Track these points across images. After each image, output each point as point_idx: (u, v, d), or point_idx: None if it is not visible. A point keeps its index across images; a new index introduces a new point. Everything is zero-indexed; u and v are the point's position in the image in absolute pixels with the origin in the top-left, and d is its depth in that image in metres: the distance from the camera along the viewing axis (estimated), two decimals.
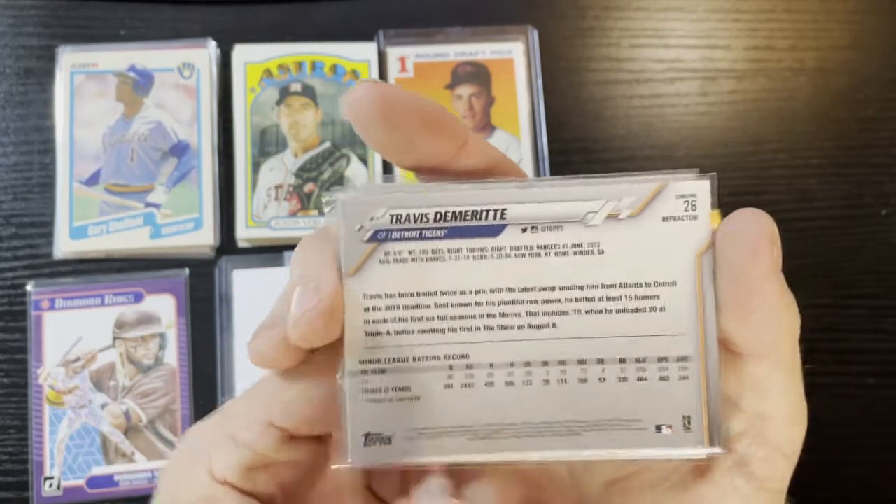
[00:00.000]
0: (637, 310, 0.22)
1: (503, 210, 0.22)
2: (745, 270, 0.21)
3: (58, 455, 0.52)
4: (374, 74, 0.59)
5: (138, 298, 0.55)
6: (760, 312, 0.21)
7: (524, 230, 0.22)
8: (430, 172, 0.23)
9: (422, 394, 0.22)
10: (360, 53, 0.59)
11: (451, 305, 0.22)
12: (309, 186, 0.57)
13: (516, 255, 0.22)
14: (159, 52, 0.58)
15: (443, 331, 0.22)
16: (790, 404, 0.22)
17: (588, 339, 0.22)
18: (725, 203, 0.68)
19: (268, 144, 0.57)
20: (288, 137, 0.58)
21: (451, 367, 0.22)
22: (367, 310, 0.22)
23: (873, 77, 0.62)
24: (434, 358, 0.22)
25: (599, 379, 0.22)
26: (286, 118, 0.58)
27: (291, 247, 0.56)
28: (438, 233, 0.22)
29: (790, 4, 0.63)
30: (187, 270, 0.56)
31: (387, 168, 0.58)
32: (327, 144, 0.58)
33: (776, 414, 0.22)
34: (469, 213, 0.22)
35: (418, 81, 0.59)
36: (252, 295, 0.55)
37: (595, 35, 0.61)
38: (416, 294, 0.22)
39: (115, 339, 0.54)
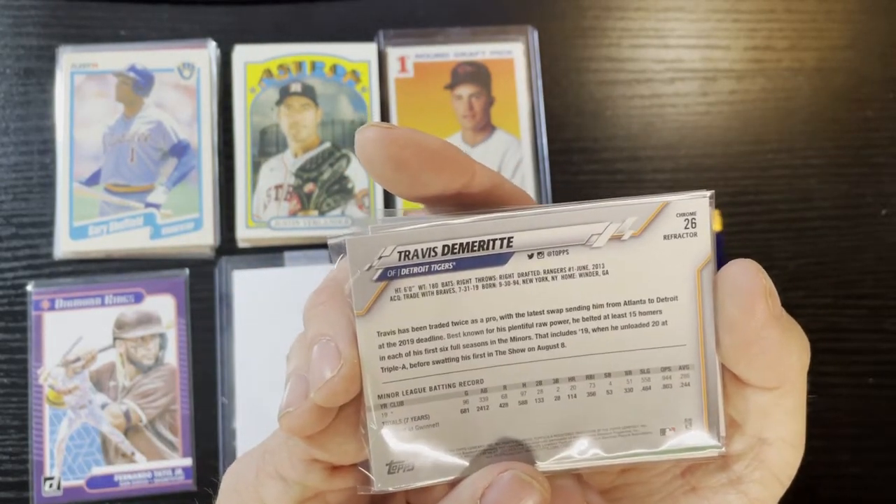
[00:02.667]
0: (641, 325, 0.23)
1: (509, 238, 0.22)
2: (743, 324, 0.21)
3: (58, 455, 0.52)
4: (374, 74, 0.59)
5: (138, 298, 0.55)
6: (762, 357, 0.22)
7: (531, 256, 0.22)
8: (437, 204, 0.23)
9: (440, 420, 0.22)
10: (360, 53, 0.59)
11: (464, 334, 0.22)
12: (309, 186, 0.57)
13: (524, 281, 0.22)
14: (159, 53, 0.58)
15: (456, 359, 0.22)
16: (792, 431, 0.23)
17: (595, 355, 0.23)
18: (726, 203, 0.69)
19: (268, 144, 0.57)
20: (288, 137, 0.58)
21: (466, 393, 0.23)
22: (381, 346, 0.22)
23: (873, 77, 0.62)
24: (449, 386, 0.23)
25: (607, 391, 0.23)
26: (286, 118, 0.58)
27: (291, 247, 0.56)
28: (447, 265, 0.22)
29: (790, 4, 0.63)
30: (187, 270, 0.56)
31: None
32: (327, 145, 0.58)
33: (777, 439, 0.23)
34: (476, 244, 0.22)
35: (418, 81, 0.59)
36: (252, 295, 0.55)
37: (595, 35, 0.61)
38: (428, 327, 0.22)
39: (115, 339, 0.54)
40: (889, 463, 0.56)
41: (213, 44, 0.58)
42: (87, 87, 0.57)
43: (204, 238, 0.56)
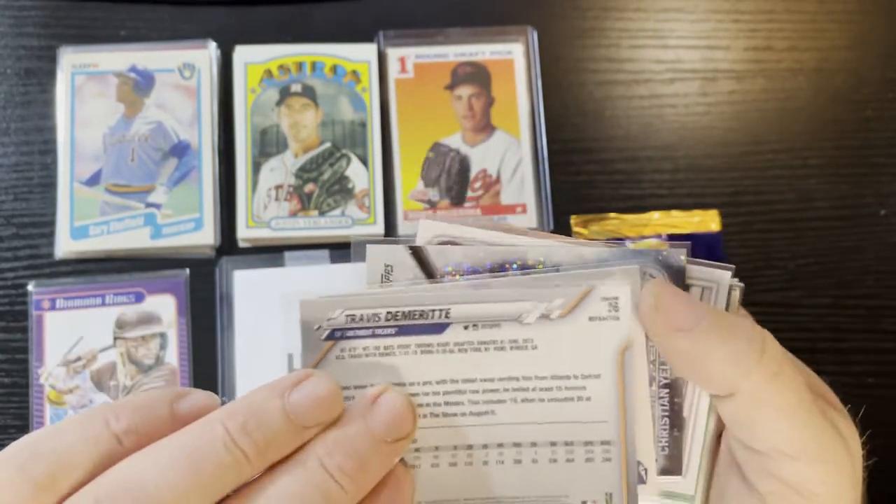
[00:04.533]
0: (566, 399, 0.24)
1: (447, 310, 0.24)
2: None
3: None
4: (374, 75, 0.59)
5: (139, 298, 0.55)
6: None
7: (466, 328, 0.24)
8: None
9: None
10: (361, 54, 0.59)
11: None
12: (309, 187, 0.57)
13: (459, 350, 0.24)
14: (160, 53, 0.58)
15: None
16: (787, 439, 0.24)
17: (523, 424, 0.24)
18: (726, 203, 0.68)
19: (268, 145, 0.57)
20: (288, 138, 0.58)
21: None
22: None
23: (872, 77, 0.62)
24: None
25: (533, 460, 0.24)
26: (286, 119, 0.58)
27: (291, 247, 0.56)
28: (390, 331, 0.24)
29: (789, 5, 0.63)
30: (188, 270, 0.56)
31: (387, 169, 0.58)
32: (327, 145, 0.58)
33: (771, 449, 0.24)
34: (417, 313, 0.24)
35: (418, 82, 0.59)
36: (252, 295, 0.55)
37: (594, 35, 0.61)
38: (368, 386, 0.24)
39: (115, 338, 0.54)
40: (889, 463, 0.56)
41: (213, 44, 0.58)
42: (87, 88, 0.57)
43: (204, 238, 0.56)
